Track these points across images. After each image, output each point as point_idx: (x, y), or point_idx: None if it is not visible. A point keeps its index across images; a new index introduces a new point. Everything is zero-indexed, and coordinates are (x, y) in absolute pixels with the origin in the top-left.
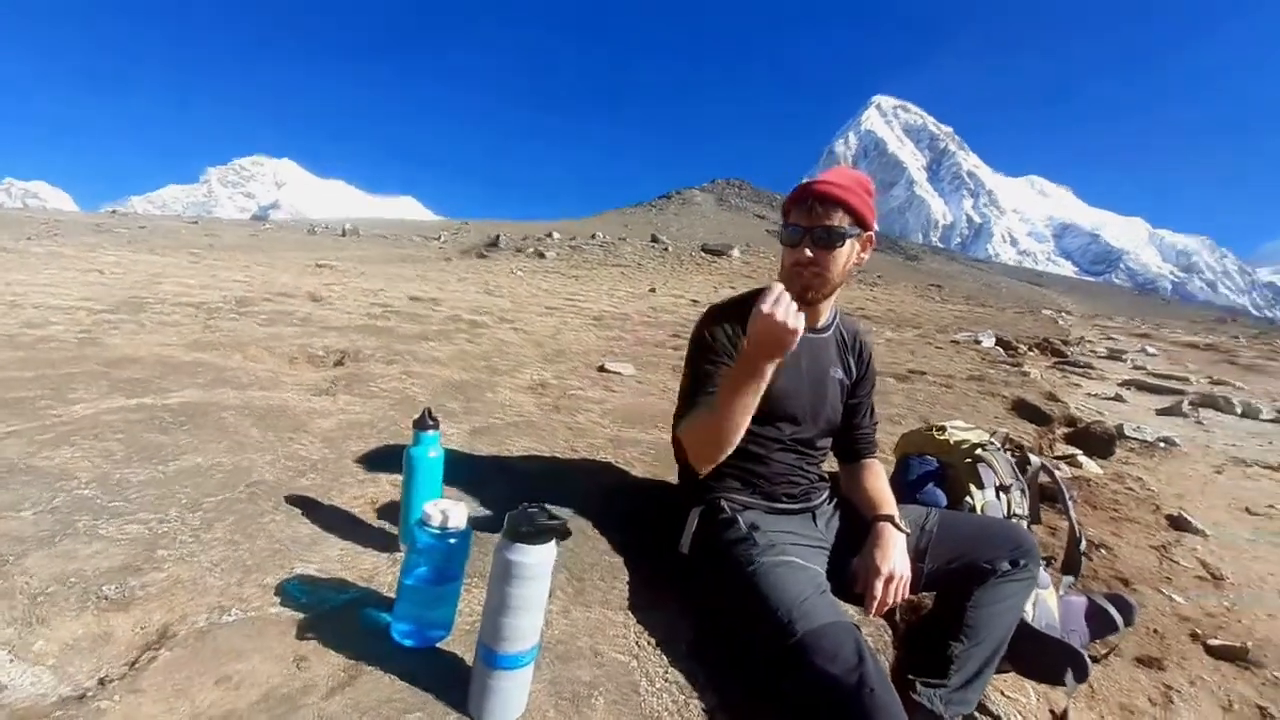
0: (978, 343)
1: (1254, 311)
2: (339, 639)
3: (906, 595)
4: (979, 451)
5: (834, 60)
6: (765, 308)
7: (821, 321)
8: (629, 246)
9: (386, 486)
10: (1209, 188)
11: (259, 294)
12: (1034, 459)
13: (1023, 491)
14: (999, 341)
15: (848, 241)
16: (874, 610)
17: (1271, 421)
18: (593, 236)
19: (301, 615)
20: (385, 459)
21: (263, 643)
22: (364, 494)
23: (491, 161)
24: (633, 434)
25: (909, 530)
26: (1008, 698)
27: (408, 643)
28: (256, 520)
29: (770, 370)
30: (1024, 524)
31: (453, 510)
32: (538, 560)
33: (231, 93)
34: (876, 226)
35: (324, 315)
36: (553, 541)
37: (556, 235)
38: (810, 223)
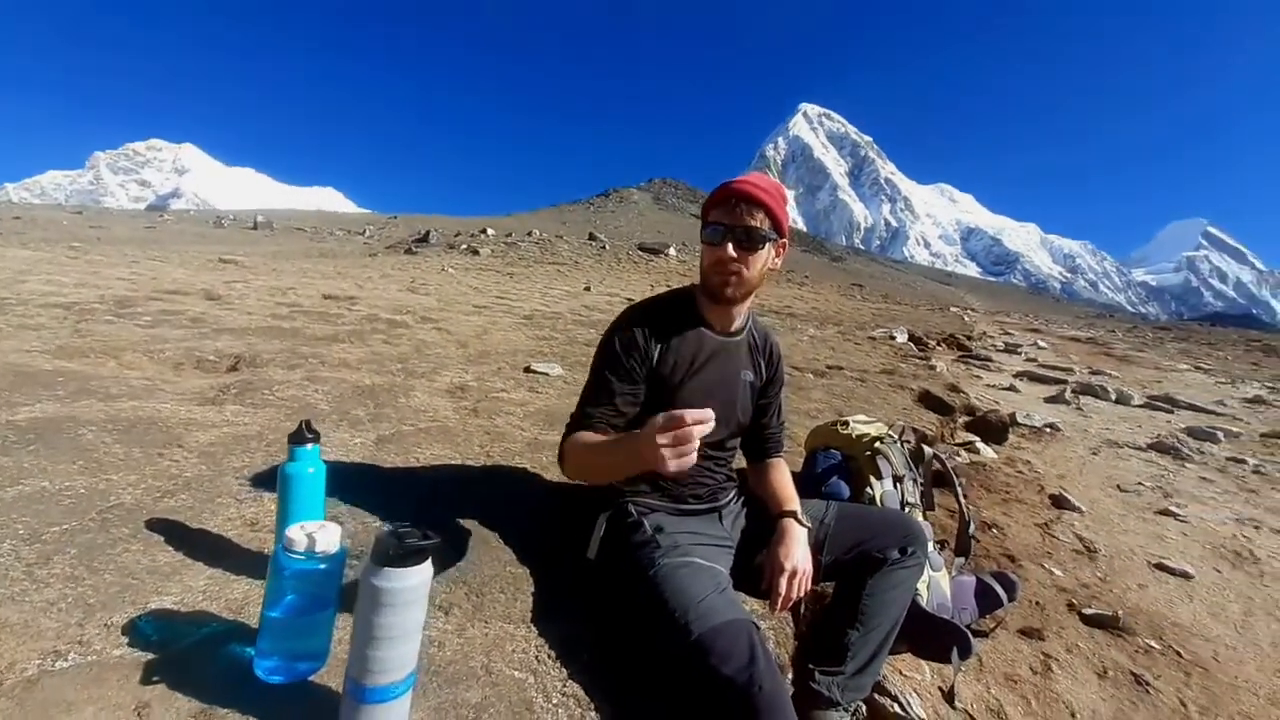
0: (892, 338)
1: (1129, 308)
2: (191, 681)
3: (809, 589)
4: (878, 444)
5: (764, 66)
6: (663, 442)
7: (735, 325)
8: (566, 244)
9: (270, 505)
10: (1090, 198)
11: (145, 293)
12: (927, 450)
13: (915, 481)
14: (911, 337)
15: (766, 244)
16: (779, 606)
17: (1141, 406)
18: (529, 234)
19: (151, 656)
20: (272, 475)
21: (99, 691)
22: (242, 515)
23: (422, 154)
24: (552, 437)
25: (810, 525)
26: (905, 676)
27: (274, 679)
28: (106, 551)
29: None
30: (916, 511)
31: (320, 533)
32: (408, 584)
33: (117, 70)
34: (788, 236)
35: (220, 316)
36: (426, 563)
37: (491, 232)
38: (732, 221)
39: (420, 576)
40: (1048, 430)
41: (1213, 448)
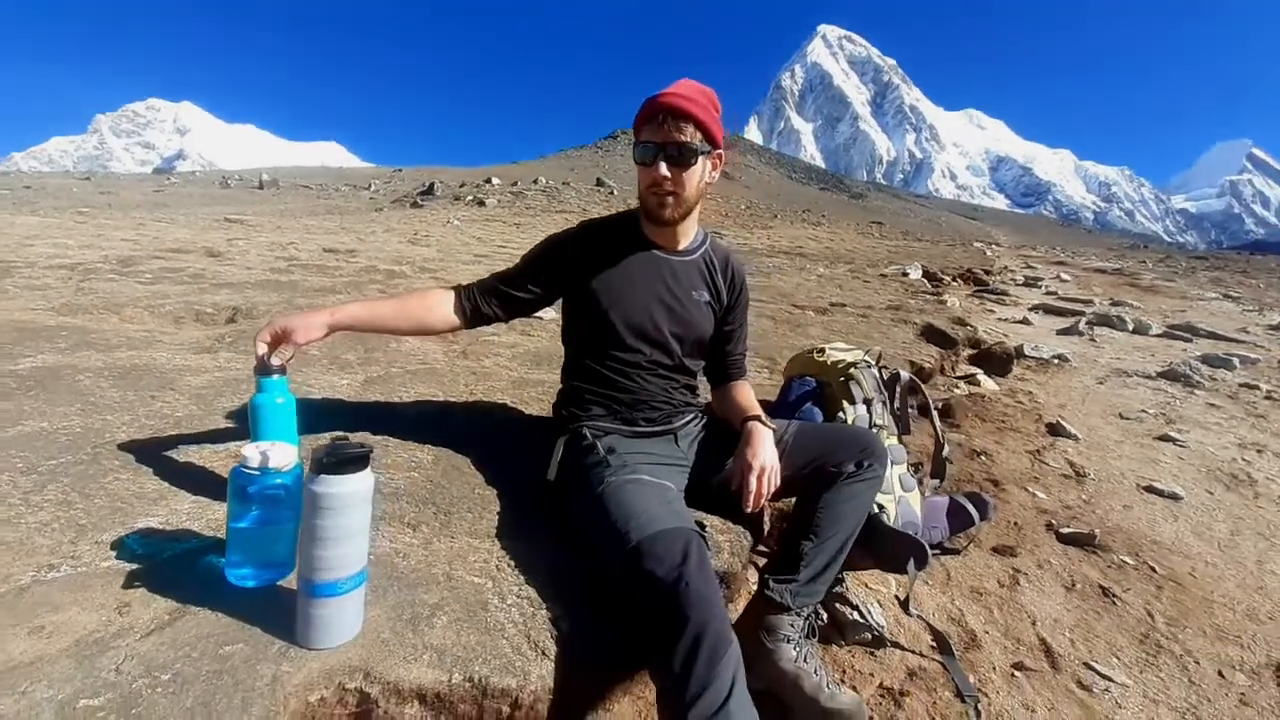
0: (905, 275)
1: (1166, 238)
2: (170, 586)
3: (778, 485)
4: (851, 370)
5: None
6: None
7: (684, 244)
8: (573, 191)
9: None
10: (1131, 121)
11: (147, 252)
12: (903, 374)
13: (884, 404)
14: (925, 273)
15: (700, 159)
16: (751, 503)
17: (1159, 336)
18: (535, 182)
19: (135, 566)
20: None
21: (85, 595)
22: (228, 448)
23: (424, 104)
24: (537, 375)
25: (775, 427)
26: (870, 589)
27: (245, 584)
28: (98, 480)
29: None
30: (885, 433)
31: (274, 450)
32: (344, 490)
33: (108, 28)
34: (724, 145)
35: (220, 271)
36: (365, 471)
37: (497, 181)
38: (662, 139)
39: (355, 484)
40: (1055, 361)
41: (1226, 374)
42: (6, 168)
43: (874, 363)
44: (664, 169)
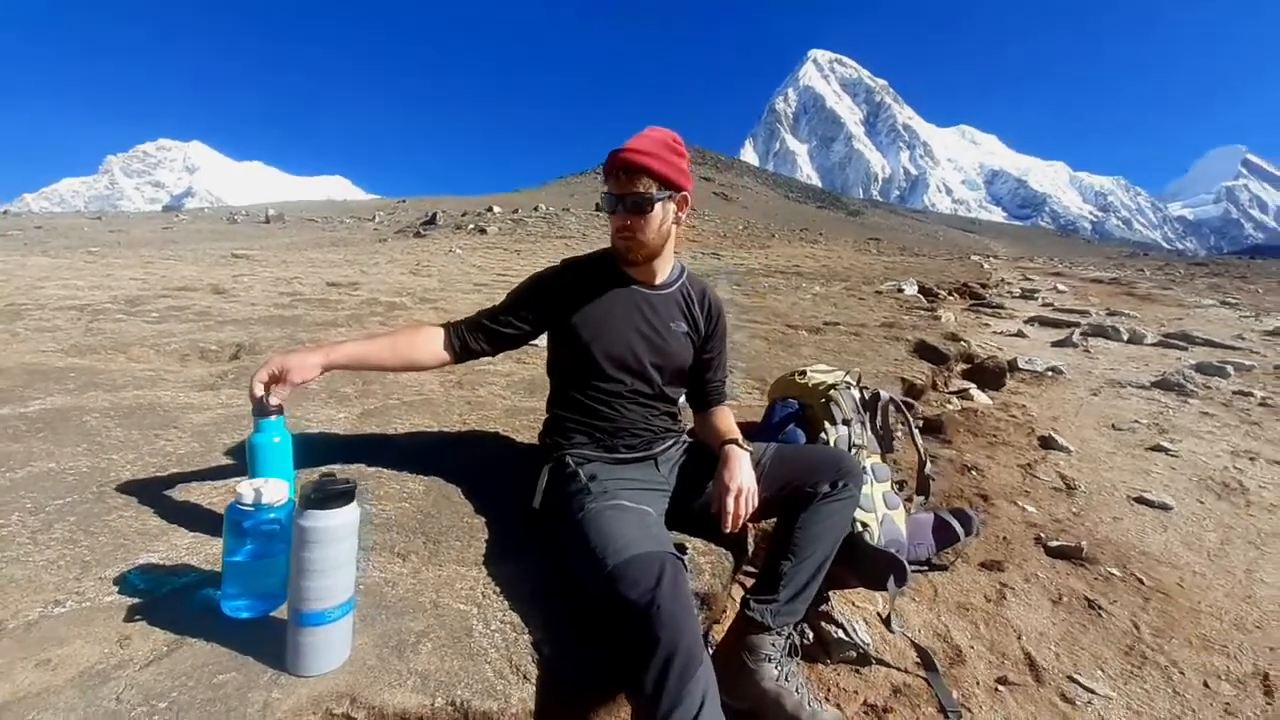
0: (900, 291)
1: (1165, 245)
2: (169, 618)
3: (756, 506)
4: (831, 391)
5: (769, 12)
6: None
7: (660, 279)
8: (573, 217)
9: None
10: (1124, 130)
11: (155, 290)
12: (883, 394)
13: (862, 424)
14: (921, 289)
15: (657, 205)
16: (729, 524)
17: (1154, 345)
18: (535, 209)
19: (136, 600)
20: None
21: (89, 629)
22: (227, 484)
23: (426, 134)
24: (530, 403)
25: (752, 449)
26: (856, 607)
27: (240, 615)
28: (102, 518)
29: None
30: (864, 453)
31: (267, 487)
32: (330, 524)
33: (119, 71)
34: (690, 186)
35: (225, 308)
36: (350, 505)
37: (498, 209)
38: (620, 191)
39: (341, 518)
40: (1049, 374)
41: (1221, 382)
42: (18, 208)
43: (854, 383)
44: (622, 218)
